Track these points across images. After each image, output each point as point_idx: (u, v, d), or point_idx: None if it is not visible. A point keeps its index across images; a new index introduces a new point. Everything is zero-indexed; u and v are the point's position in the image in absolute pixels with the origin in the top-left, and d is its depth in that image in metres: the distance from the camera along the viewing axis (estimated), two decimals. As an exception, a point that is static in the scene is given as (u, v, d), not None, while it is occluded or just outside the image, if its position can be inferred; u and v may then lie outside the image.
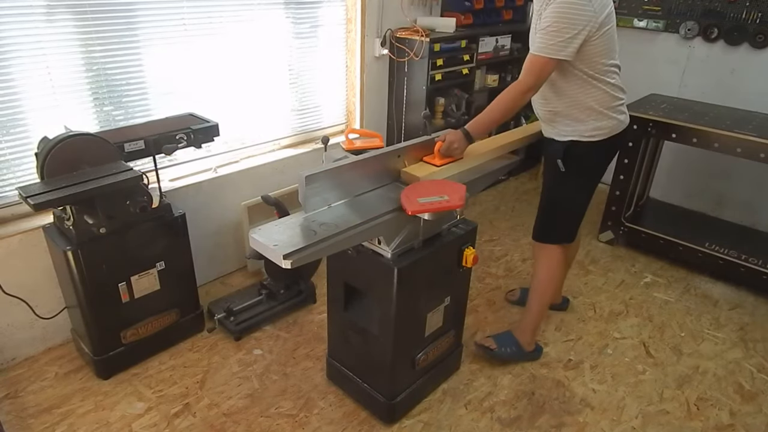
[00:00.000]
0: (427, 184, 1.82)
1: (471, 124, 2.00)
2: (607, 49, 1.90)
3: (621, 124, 2.08)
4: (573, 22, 1.78)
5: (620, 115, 2.07)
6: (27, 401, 2.12)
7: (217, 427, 2.03)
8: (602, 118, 2.02)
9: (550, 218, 2.25)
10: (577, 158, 2.09)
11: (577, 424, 2.11)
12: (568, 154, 2.09)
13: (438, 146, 1.95)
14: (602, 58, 1.90)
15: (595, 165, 2.16)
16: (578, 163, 2.10)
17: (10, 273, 2.16)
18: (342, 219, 1.61)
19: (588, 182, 2.19)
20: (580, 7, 1.77)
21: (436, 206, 1.67)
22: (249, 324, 2.52)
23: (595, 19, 1.80)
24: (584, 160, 2.10)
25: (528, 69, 1.91)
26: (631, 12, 3.78)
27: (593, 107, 2.00)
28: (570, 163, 2.10)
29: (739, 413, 2.20)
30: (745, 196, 3.58)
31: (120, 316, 2.20)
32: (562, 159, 2.10)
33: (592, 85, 1.96)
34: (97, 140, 2.00)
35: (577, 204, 2.21)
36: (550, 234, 2.26)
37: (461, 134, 1.97)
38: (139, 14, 2.34)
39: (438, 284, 1.99)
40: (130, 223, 2.08)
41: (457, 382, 2.29)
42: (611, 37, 1.90)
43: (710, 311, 2.85)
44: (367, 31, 3.22)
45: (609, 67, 1.95)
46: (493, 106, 1.97)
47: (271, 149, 3.11)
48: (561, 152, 2.10)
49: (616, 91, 2.02)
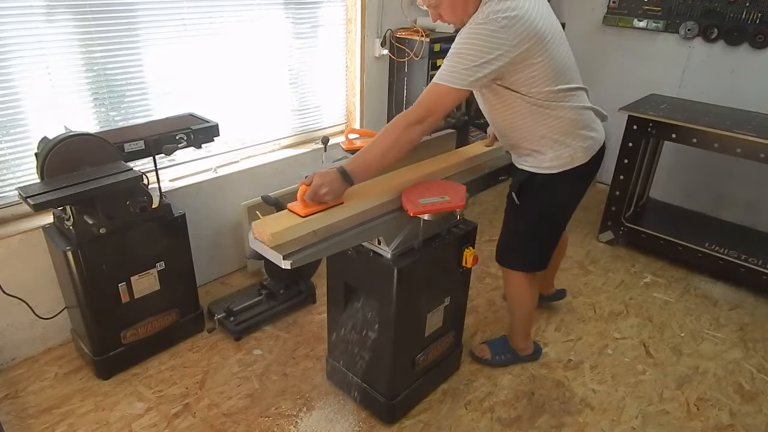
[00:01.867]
0: (428, 184, 1.82)
1: (350, 161, 1.65)
2: (552, 73, 1.68)
3: (587, 151, 1.86)
4: (481, 50, 1.56)
5: (585, 141, 1.85)
6: (27, 401, 2.12)
7: (217, 427, 2.03)
8: (560, 147, 1.83)
9: (512, 245, 2.13)
10: (535, 191, 1.92)
11: (577, 424, 2.11)
12: (525, 186, 1.93)
13: (302, 191, 1.58)
14: (548, 84, 1.69)
15: (558, 198, 1.95)
16: (537, 196, 1.94)
17: (10, 273, 2.16)
18: (342, 219, 1.61)
19: (549, 215, 2.02)
20: (491, 35, 1.55)
21: (437, 207, 1.67)
22: (249, 324, 2.52)
23: (514, 48, 1.57)
24: (544, 193, 1.92)
25: (422, 98, 1.64)
26: (631, 12, 3.78)
27: (549, 136, 1.81)
28: (528, 195, 1.94)
29: (739, 413, 2.20)
30: (745, 196, 3.58)
31: (120, 316, 2.20)
32: (516, 191, 1.96)
33: (542, 113, 1.76)
34: (97, 140, 2.00)
35: (538, 236, 2.07)
36: (512, 261, 2.14)
37: (336, 175, 1.59)
38: (139, 14, 2.34)
39: (438, 284, 1.99)
40: (130, 223, 2.08)
41: (457, 382, 2.29)
42: (555, 61, 1.67)
43: (710, 311, 2.85)
44: (367, 31, 3.22)
45: (561, 92, 1.73)
46: (375, 140, 1.65)
47: (271, 149, 3.11)
48: (516, 184, 1.96)
49: (577, 116, 1.80)
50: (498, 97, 1.78)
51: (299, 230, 1.51)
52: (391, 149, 1.63)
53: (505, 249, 2.16)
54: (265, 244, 1.46)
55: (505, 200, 2.09)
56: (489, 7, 1.59)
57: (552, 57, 1.65)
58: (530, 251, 2.11)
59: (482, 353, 2.38)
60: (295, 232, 1.50)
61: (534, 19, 1.59)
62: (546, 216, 2.02)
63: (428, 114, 1.63)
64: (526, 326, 2.33)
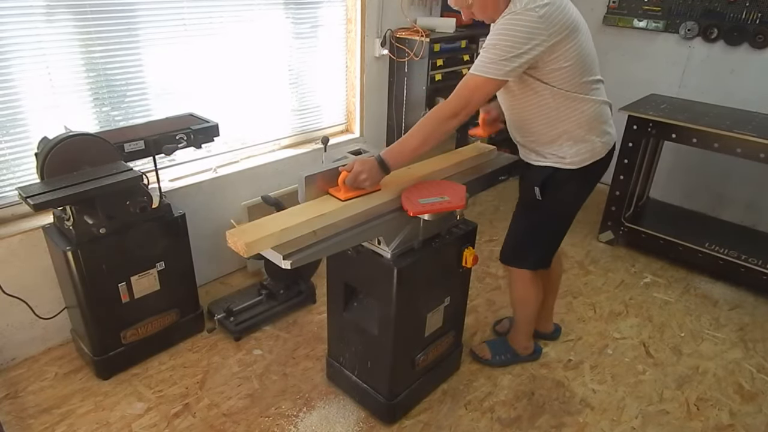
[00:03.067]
0: (427, 184, 1.82)
1: (387, 151, 1.72)
2: (581, 64, 1.72)
3: (605, 146, 1.91)
4: (518, 40, 1.59)
5: (604, 136, 1.90)
6: (27, 401, 2.12)
7: (217, 427, 2.03)
8: (582, 142, 1.86)
9: (522, 243, 2.13)
10: (557, 187, 1.93)
11: (577, 424, 2.11)
12: (546, 182, 1.93)
13: (343, 176, 1.66)
14: (577, 75, 1.73)
15: (576, 193, 2.00)
16: (557, 192, 1.94)
17: (10, 273, 2.16)
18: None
19: (566, 211, 2.05)
20: (529, 24, 1.58)
21: (437, 207, 1.67)
22: (249, 324, 2.52)
23: (550, 38, 1.61)
24: (564, 189, 1.94)
25: (458, 90, 1.68)
26: (631, 12, 3.78)
27: (572, 131, 1.84)
28: (548, 191, 1.95)
29: (739, 413, 2.20)
30: (745, 196, 3.58)
31: (120, 316, 2.20)
32: (540, 187, 1.95)
33: (568, 106, 1.78)
34: (97, 140, 2.00)
35: (553, 232, 2.10)
36: (521, 259, 2.14)
37: (374, 163, 1.66)
38: (139, 14, 2.34)
39: (438, 284, 1.99)
40: (130, 223, 2.08)
41: (457, 382, 2.29)
42: (583, 52, 1.71)
43: (710, 311, 2.85)
44: (367, 32, 3.22)
45: (588, 83, 1.78)
46: (412, 131, 1.71)
47: (271, 149, 3.11)
48: (539, 180, 1.95)
49: (599, 110, 1.84)
50: (527, 88, 1.78)
51: (274, 240, 1.44)
52: (427, 140, 1.70)
53: (515, 248, 2.15)
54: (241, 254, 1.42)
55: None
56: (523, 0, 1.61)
57: (582, 47, 1.70)
58: (540, 248, 2.12)
59: (482, 353, 2.39)
60: (270, 242, 1.43)
61: (567, 9, 1.65)
62: (564, 212, 2.05)
63: (465, 105, 1.67)
64: (530, 325, 2.33)
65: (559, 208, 2.02)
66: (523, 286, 2.20)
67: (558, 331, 2.60)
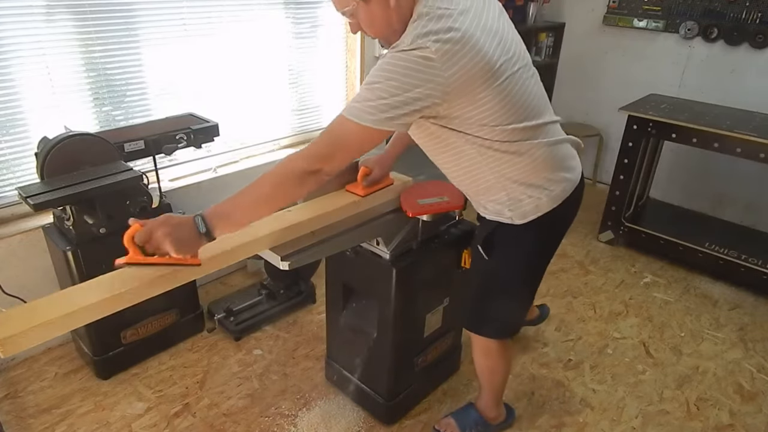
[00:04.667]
0: (427, 185, 1.82)
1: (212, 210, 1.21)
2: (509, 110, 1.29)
3: (553, 199, 1.47)
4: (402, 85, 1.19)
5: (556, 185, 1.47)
6: (27, 401, 2.13)
7: (217, 427, 2.04)
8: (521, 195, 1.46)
9: (480, 307, 1.73)
10: (504, 244, 1.58)
11: (577, 424, 2.11)
12: (491, 239, 1.59)
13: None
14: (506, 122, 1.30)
15: (531, 250, 1.59)
16: (506, 250, 1.58)
17: (10, 273, 2.16)
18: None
19: (525, 269, 1.65)
20: (417, 66, 1.18)
21: (436, 208, 1.67)
22: (249, 324, 2.52)
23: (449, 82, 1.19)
24: (514, 246, 1.57)
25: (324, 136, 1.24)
26: (631, 12, 3.77)
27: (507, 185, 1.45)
28: (494, 249, 1.60)
29: (739, 413, 2.20)
30: (745, 196, 3.58)
31: (120, 316, 2.15)
32: (481, 245, 1.61)
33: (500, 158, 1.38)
34: (97, 140, 2.00)
35: (514, 295, 1.68)
36: (482, 326, 1.75)
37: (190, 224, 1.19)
38: (139, 14, 2.34)
39: (437, 285, 1.99)
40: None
41: (456, 382, 2.29)
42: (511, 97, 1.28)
43: (710, 311, 2.85)
44: (367, 31, 3.21)
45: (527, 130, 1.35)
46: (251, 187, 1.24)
47: (271, 149, 3.11)
48: (480, 237, 1.62)
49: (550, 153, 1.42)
50: (436, 138, 1.40)
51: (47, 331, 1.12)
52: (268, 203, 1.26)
53: (474, 313, 1.75)
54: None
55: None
56: (418, 27, 1.21)
57: (507, 89, 1.27)
58: (505, 313, 1.70)
59: (447, 429, 1.98)
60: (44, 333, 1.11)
61: (479, 42, 1.20)
62: (520, 270, 1.64)
63: (329, 158, 1.23)
64: (499, 394, 1.96)
65: (513, 265, 1.62)
66: (489, 356, 1.81)
67: (545, 311, 2.53)
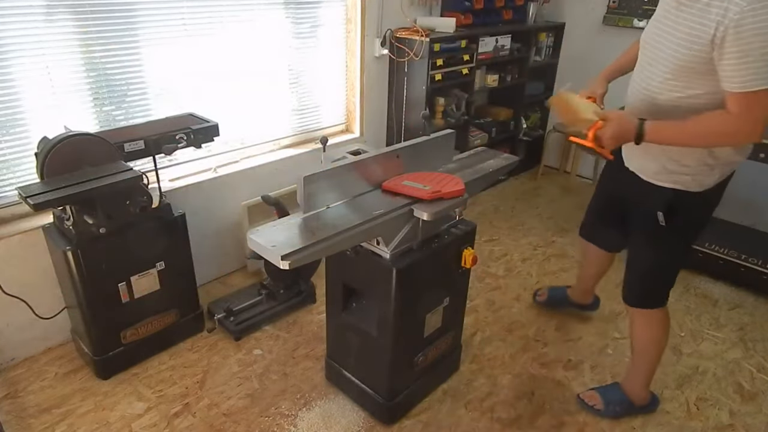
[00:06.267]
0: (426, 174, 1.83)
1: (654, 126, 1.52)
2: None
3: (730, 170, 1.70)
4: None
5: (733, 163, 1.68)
6: (27, 401, 2.13)
7: (217, 426, 2.04)
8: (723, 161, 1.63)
9: (653, 282, 1.86)
10: (686, 212, 1.69)
11: (577, 424, 2.11)
12: (672, 207, 1.68)
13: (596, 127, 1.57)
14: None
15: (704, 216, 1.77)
16: (686, 217, 1.70)
17: (10, 273, 2.16)
18: (341, 220, 1.61)
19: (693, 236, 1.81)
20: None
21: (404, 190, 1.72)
22: (249, 324, 2.52)
23: None
24: (693, 213, 1.71)
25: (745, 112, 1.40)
26: (631, 12, 3.77)
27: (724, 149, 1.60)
28: (675, 217, 1.70)
29: (739, 413, 2.20)
30: (745, 196, 3.57)
31: (120, 316, 2.20)
32: (664, 213, 1.70)
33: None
34: (97, 140, 2.00)
35: (681, 260, 1.84)
36: (654, 299, 1.89)
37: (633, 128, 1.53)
38: (139, 14, 2.34)
39: (437, 285, 1.99)
40: (130, 223, 2.09)
41: (456, 382, 2.29)
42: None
43: (710, 311, 2.85)
44: (367, 31, 3.22)
45: None
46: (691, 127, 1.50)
47: (271, 149, 3.12)
48: (662, 204, 1.70)
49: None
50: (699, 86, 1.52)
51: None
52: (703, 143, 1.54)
53: (649, 286, 1.88)
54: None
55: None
56: None
57: None
58: (672, 278, 1.86)
59: (593, 401, 2.14)
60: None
61: None
62: (693, 235, 1.81)
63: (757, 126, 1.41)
64: (652, 371, 2.07)
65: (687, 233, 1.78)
66: (657, 326, 1.94)
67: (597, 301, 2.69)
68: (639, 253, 1.89)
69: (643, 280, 1.89)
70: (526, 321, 2.70)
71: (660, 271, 1.85)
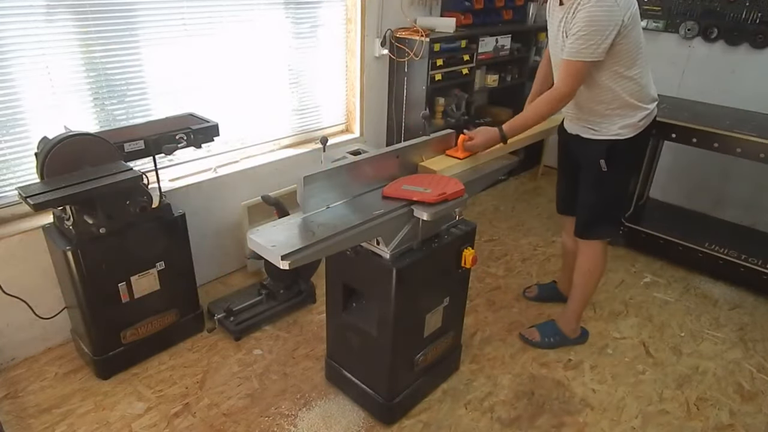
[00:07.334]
0: (423, 177, 1.83)
1: (508, 124, 2.08)
2: (635, 44, 1.96)
3: (653, 112, 2.15)
4: (603, 25, 1.85)
5: (652, 102, 2.14)
6: (27, 401, 2.13)
7: (217, 426, 2.04)
8: (638, 111, 2.09)
9: (596, 216, 2.29)
10: (619, 156, 2.14)
11: (577, 424, 2.11)
12: (610, 154, 2.13)
13: (462, 139, 2.05)
14: (631, 53, 1.97)
15: (636, 159, 2.34)
16: (620, 161, 2.16)
17: (10, 273, 2.16)
18: (340, 220, 1.61)
19: (629, 176, 2.33)
20: (608, 10, 1.84)
21: (404, 194, 1.72)
22: (249, 324, 2.52)
23: (622, 20, 1.87)
24: (626, 157, 2.17)
25: (564, 75, 1.97)
26: (631, 12, 3.77)
27: (630, 102, 2.06)
28: (612, 162, 2.15)
29: (739, 413, 2.20)
30: (745, 196, 3.57)
31: (120, 316, 2.20)
32: (605, 159, 2.14)
33: (627, 79, 2.02)
34: (97, 140, 2.00)
35: (620, 199, 2.35)
36: (600, 231, 2.32)
37: (496, 133, 2.07)
38: (139, 14, 2.34)
39: (437, 285, 1.99)
40: (130, 223, 2.09)
41: (456, 382, 2.29)
42: (638, 33, 1.98)
43: (710, 311, 2.85)
44: (367, 31, 3.22)
45: (639, 61, 2.01)
46: (529, 111, 2.07)
47: (271, 149, 3.11)
48: (603, 152, 2.14)
49: (648, 80, 2.10)
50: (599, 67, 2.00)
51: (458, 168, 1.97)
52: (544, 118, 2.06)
53: (593, 221, 2.30)
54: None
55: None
56: None
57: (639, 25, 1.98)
58: (614, 216, 2.45)
59: (531, 335, 2.52)
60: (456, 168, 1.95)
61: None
62: (628, 178, 2.33)
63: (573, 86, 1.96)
64: (583, 306, 2.47)
65: (626, 174, 2.27)
66: (596, 258, 2.34)
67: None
68: (587, 193, 2.28)
69: (591, 214, 2.29)
70: (526, 321, 2.70)
71: (604, 207, 2.27)
